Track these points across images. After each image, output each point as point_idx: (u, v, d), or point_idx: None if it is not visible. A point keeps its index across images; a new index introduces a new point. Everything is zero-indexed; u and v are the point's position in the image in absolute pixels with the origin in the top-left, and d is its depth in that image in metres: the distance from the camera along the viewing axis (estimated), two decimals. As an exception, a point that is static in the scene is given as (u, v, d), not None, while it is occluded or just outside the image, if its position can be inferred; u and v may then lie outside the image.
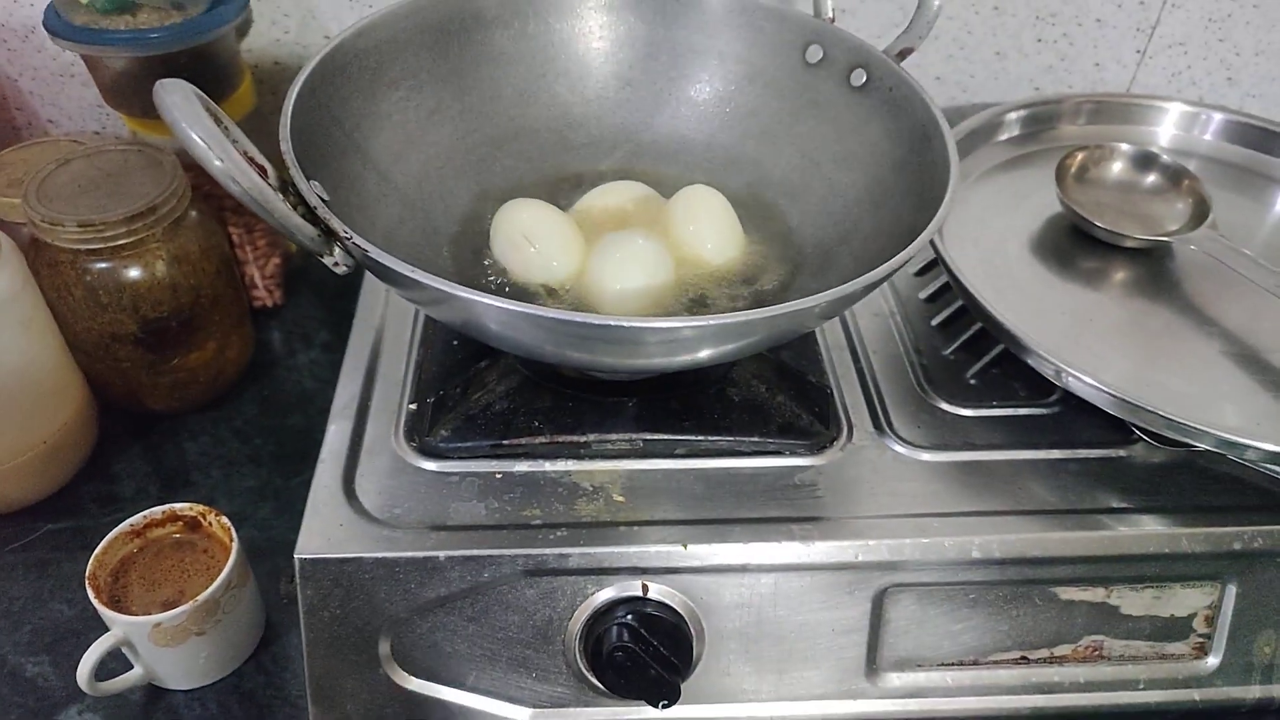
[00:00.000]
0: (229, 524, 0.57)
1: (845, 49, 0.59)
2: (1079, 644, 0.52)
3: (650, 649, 0.46)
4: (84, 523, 0.66)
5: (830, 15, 0.61)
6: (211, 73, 0.70)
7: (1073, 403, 0.54)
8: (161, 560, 0.58)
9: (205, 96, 0.41)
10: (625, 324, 0.40)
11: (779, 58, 0.62)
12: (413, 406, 0.54)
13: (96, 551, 0.55)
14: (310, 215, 0.42)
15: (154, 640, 0.54)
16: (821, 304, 0.43)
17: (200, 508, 0.58)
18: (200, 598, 0.53)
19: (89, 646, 0.53)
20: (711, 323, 0.41)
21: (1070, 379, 0.51)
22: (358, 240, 0.41)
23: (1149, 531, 0.50)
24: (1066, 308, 0.59)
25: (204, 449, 0.72)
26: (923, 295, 0.64)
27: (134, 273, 0.64)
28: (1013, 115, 0.70)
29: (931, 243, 0.57)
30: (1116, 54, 0.82)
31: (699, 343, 0.43)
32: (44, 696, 0.56)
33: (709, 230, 0.56)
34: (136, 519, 0.58)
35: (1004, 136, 0.71)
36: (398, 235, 0.53)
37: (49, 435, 0.64)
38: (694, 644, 0.48)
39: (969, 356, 0.59)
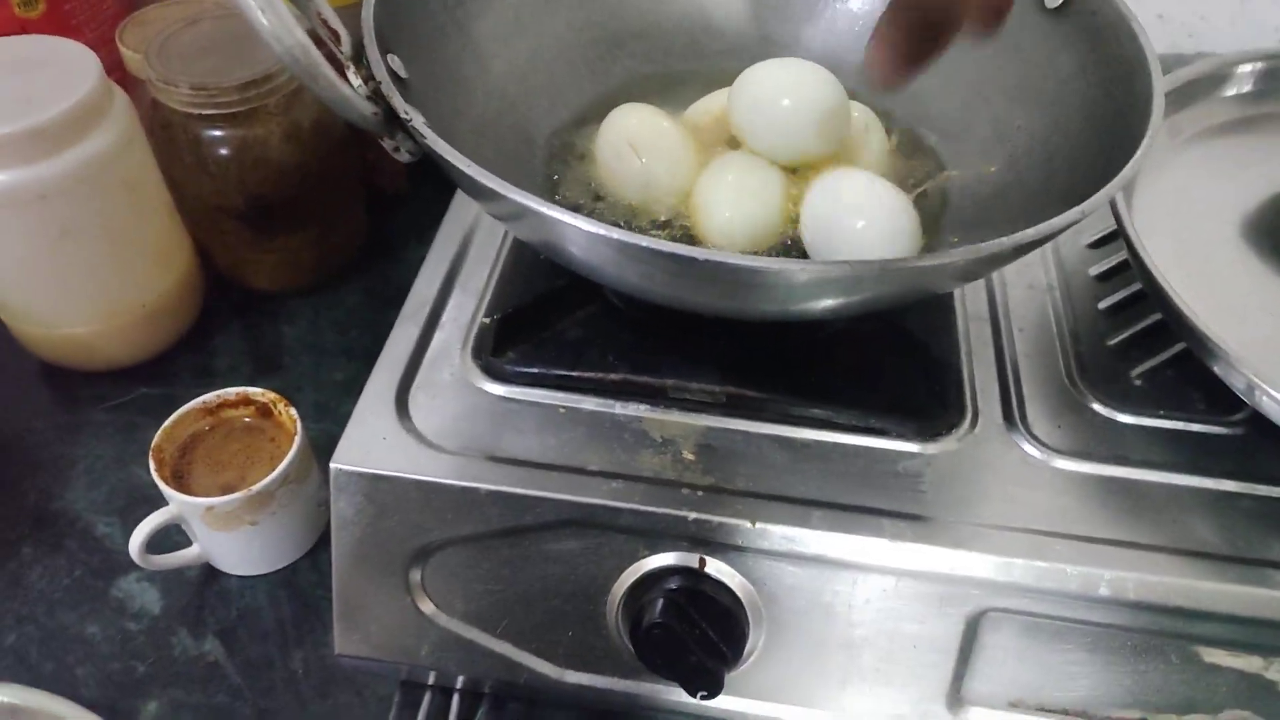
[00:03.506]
0: (296, 416, 0.55)
1: (1044, -39, 0.49)
2: (1218, 717, 0.43)
3: (696, 631, 0.41)
4: (177, 391, 0.65)
5: (1033, -81, 0.50)
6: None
7: (1263, 426, 0.44)
8: (230, 442, 0.56)
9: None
10: (705, 258, 0.33)
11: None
12: (486, 321, 0.49)
13: (166, 424, 0.55)
14: (377, 92, 0.38)
15: (207, 523, 0.52)
16: (954, 263, 0.35)
17: (272, 395, 0.56)
18: (255, 488, 0.51)
19: (153, 516, 0.53)
20: (812, 271, 0.34)
21: (1264, 397, 0.41)
22: (416, 124, 0.36)
23: (1335, 600, 0.40)
24: (1276, 308, 0.48)
25: (300, 334, 0.70)
26: (1094, 271, 0.54)
27: (242, 143, 0.62)
28: (1247, 68, 0.57)
29: (1114, 210, 0.48)
30: (1399, 4, 0.67)
31: (794, 291, 0.36)
32: (108, 558, 0.57)
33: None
34: (210, 397, 0.56)
35: (1232, 92, 0.58)
36: (489, 130, 0.47)
37: (149, 300, 0.64)
38: (748, 633, 0.43)
39: (1139, 352, 0.49)
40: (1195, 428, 0.47)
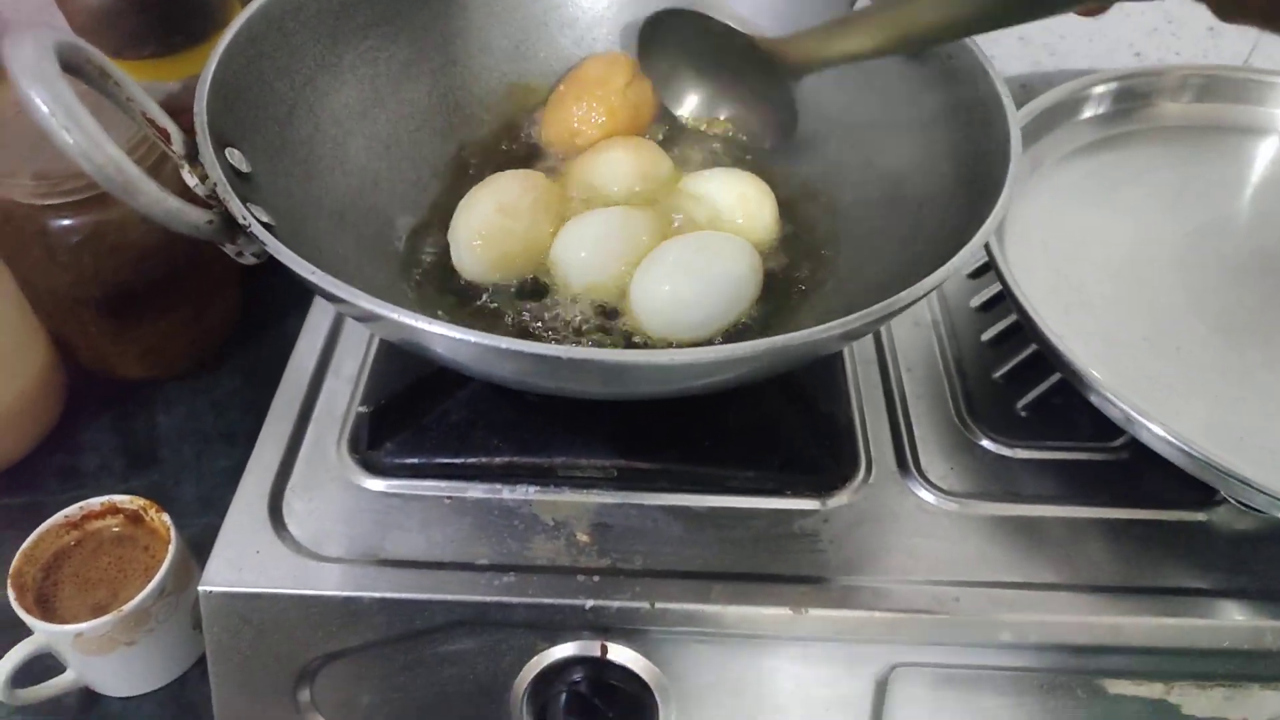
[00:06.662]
0: (169, 523, 0.51)
1: (899, 4, 0.49)
2: (1128, 745, 0.43)
3: (604, 721, 0.39)
4: (41, 498, 0.61)
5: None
6: (189, 6, 0.63)
7: (1145, 449, 0.45)
8: (99, 556, 0.52)
9: (85, 47, 0.34)
10: (569, 356, 0.32)
11: (820, 6, 0.52)
12: (362, 409, 0.47)
13: (25, 545, 0.50)
14: (213, 194, 0.35)
15: (78, 649, 0.49)
16: (832, 334, 0.34)
17: (142, 501, 0.53)
18: (126, 608, 0.48)
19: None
20: (701, 359, 0.33)
21: (1141, 429, 0.41)
22: (255, 230, 0.33)
23: (1224, 622, 0.41)
24: (1150, 333, 0.49)
25: (177, 422, 0.66)
26: (975, 303, 0.55)
27: (95, 230, 0.58)
28: (1101, 89, 0.59)
29: (987, 247, 0.48)
30: (1239, 15, 0.69)
31: (687, 376, 0.35)
32: (-29, 695, 0.52)
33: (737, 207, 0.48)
34: (72, 510, 0.52)
35: (1090, 114, 0.59)
36: (349, 213, 0.45)
37: (3, 403, 0.59)
38: (658, 716, 0.41)
39: (1023, 383, 0.50)
40: (1082, 456, 0.47)
